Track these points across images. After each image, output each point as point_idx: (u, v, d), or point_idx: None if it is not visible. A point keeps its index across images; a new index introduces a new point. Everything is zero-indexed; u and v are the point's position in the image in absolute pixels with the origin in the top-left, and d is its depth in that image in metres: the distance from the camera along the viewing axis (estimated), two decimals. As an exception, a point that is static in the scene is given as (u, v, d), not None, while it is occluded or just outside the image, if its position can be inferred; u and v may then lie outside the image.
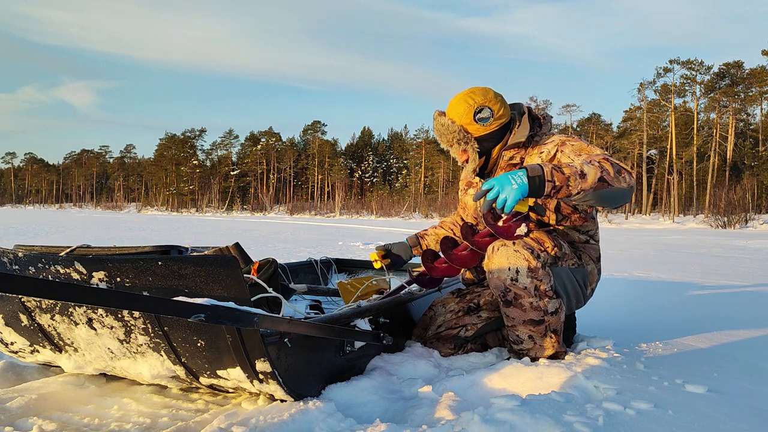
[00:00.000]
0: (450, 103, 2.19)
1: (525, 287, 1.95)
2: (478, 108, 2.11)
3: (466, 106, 2.12)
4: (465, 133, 2.13)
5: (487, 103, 2.12)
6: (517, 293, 1.97)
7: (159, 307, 1.20)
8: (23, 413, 1.59)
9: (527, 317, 1.99)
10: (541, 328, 2.00)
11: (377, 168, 74.75)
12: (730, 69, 44.41)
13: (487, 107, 2.11)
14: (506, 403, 1.49)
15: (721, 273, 5.95)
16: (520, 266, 1.94)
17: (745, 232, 21.82)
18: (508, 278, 1.96)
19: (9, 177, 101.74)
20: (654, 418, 1.47)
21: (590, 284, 2.22)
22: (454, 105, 2.16)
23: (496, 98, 2.14)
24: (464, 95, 2.15)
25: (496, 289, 2.01)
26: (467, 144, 2.14)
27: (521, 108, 2.24)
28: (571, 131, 54.44)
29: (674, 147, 44.71)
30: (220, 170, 75.17)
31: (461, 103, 2.14)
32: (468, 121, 2.13)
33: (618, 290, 4.51)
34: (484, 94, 2.14)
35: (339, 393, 1.71)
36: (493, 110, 2.12)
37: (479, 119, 2.11)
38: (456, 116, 2.14)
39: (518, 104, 2.26)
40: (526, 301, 1.97)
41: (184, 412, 1.64)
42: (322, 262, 3.51)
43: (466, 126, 2.13)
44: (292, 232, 15.84)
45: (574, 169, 1.78)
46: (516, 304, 1.98)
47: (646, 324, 2.95)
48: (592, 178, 1.78)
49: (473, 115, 2.11)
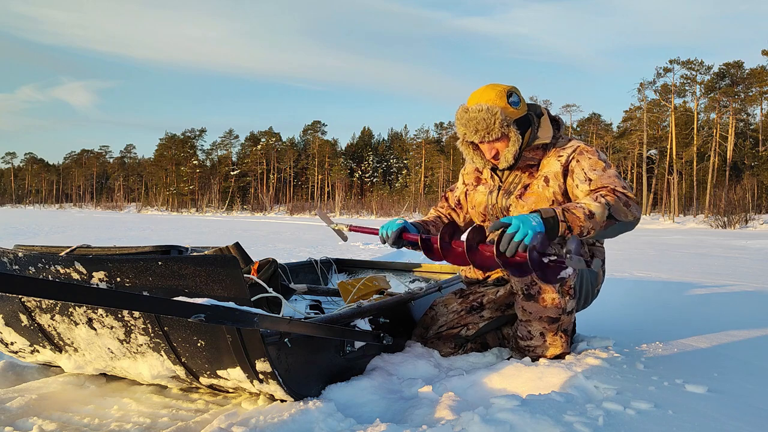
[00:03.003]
0: (473, 96, 2.12)
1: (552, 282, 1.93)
2: (509, 92, 2.08)
3: (496, 92, 2.07)
4: (506, 115, 2.05)
5: (513, 89, 2.10)
6: (543, 287, 1.97)
7: (159, 307, 1.20)
8: (23, 413, 1.59)
9: (545, 314, 1.99)
10: (555, 326, 2.00)
11: (377, 168, 74.74)
12: (730, 69, 44.39)
13: (514, 92, 2.09)
14: (506, 403, 1.49)
15: (721, 273, 5.95)
16: None
17: (745, 232, 21.81)
18: None
19: (9, 177, 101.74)
20: (654, 418, 1.47)
21: (597, 285, 2.25)
22: (482, 93, 2.09)
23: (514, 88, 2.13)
24: (487, 87, 2.10)
25: (520, 282, 2.00)
26: (508, 126, 2.05)
27: (538, 109, 2.20)
28: (571, 131, 54.42)
29: (674, 147, 44.70)
30: (220, 170, 75.16)
31: (490, 90, 2.08)
32: (504, 104, 2.06)
33: (618, 290, 4.51)
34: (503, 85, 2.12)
35: (339, 393, 1.71)
36: (518, 95, 2.10)
37: (512, 102, 2.07)
38: (491, 101, 2.06)
39: (535, 105, 2.23)
40: (548, 297, 1.97)
41: (184, 412, 1.64)
42: (322, 262, 3.51)
43: (504, 108, 2.06)
44: (292, 232, 15.84)
45: (583, 210, 1.79)
46: (538, 298, 1.98)
47: (646, 324, 2.95)
48: (600, 218, 1.80)
49: (507, 98, 2.06)
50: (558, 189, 2.07)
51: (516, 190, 2.15)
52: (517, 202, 2.13)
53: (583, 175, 2.01)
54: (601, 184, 1.96)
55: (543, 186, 2.10)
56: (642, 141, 46.65)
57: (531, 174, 2.15)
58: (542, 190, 2.09)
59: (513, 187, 2.17)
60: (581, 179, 2.01)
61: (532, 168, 2.15)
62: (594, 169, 2.01)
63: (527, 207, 2.10)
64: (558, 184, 2.08)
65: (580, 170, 2.03)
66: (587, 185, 1.99)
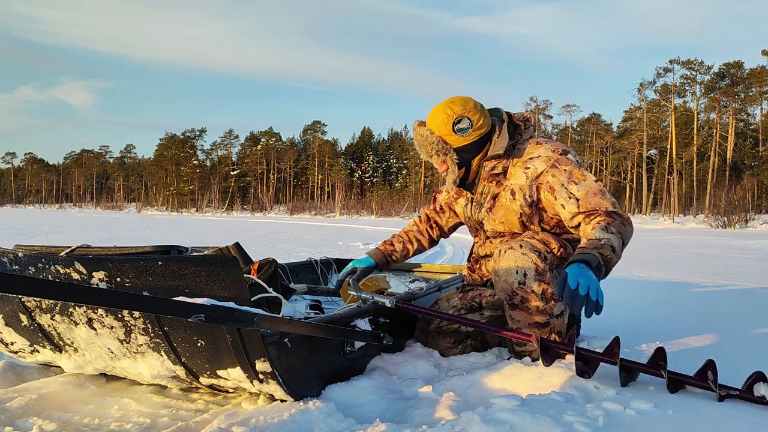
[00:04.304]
0: (429, 114, 2.16)
1: (532, 290, 1.95)
2: (457, 118, 2.08)
3: (444, 116, 2.10)
4: (444, 144, 2.10)
5: (467, 113, 2.09)
6: (524, 296, 1.97)
7: (159, 307, 1.20)
8: (23, 413, 1.59)
9: (533, 320, 1.99)
10: (546, 330, 2.00)
11: (377, 168, 74.73)
12: (730, 69, 44.39)
13: (466, 117, 2.09)
14: (506, 403, 1.49)
15: (721, 273, 5.95)
16: (527, 268, 1.94)
17: (745, 232, 21.81)
18: (516, 281, 1.96)
19: (9, 177, 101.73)
20: (654, 418, 1.47)
21: None
22: (433, 116, 2.13)
23: (475, 108, 2.12)
24: (443, 105, 2.13)
25: (502, 291, 2.01)
26: (446, 155, 2.11)
27: (501, 114, 2.22)
28: (571, 132, 54.43)
29: (674, 147, 44.70)
30: (220, 170, 75.15)
31: (440, 114, 2.11)
32: (447, 132, 2.10)
33: (618, 290, 4.51)
34: (463, 104, 2.11)
35: (339, 393, 1.71)
36: (472, 120, 2.09)
37: (458, 130, 2.09)
38: (435, 127, 2.12)
39: (498, 110, 2.23)
40: (532, 305, 1.97)
41: (184, 412, 1.64)
42: (322, 262, 3.51)
43: (444, 137, 2.11)
44: (292, 232, 15.84)
45: (607, 248, 1.81)
46: (522, 307, 1.98)
47: (646, 324, 2.95)
48: (619, 249, 1.88)
49: (452, 126, 2.09)
50: (524, 202, 2.10)
51: (486, 202, 2.20)
52: (488, 216, 2.20)
53: (566, 193, 2.01)
54: (591, 206, 1.97)
55: (510, 199, 2.13)
56: (642, 141, 46.66)
57: (498, 183, 2.17)
58: (509, 204, 2.13)
59: (483, 198, 2.22)
60: (565, 197, 2.01)
61: (498, 176, 2.17)
62: (575, 182, 2.01)
63: (497, 220, 2.17)
64: (524, 196, 2.10)
65: (560, 187, 2.03)
66: (575, 206, 1.99)
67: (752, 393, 1.63)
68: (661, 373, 1.70)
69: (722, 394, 1.64)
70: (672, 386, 1.70)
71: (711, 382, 1.67)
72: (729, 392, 1.64)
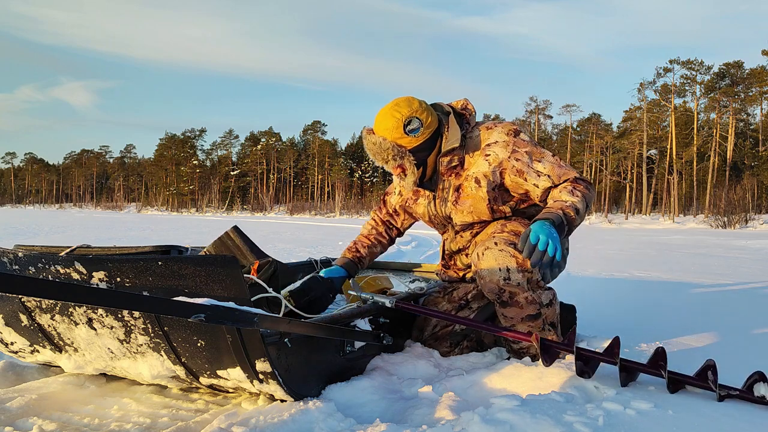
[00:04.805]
0: (376, 120, 2.15)
1: (518, 283, 1.97)
2: (407, 120, 2.08)
3: (393, 120, 2.08)
4: (399, 148, 2.09)
5: (414, 113, 2.09)
6: (512, 291, 1.98)
7: (159, 307, 1.20)
8: (23, 413, 1.59)
9: (525, 313, 2.00)
10: (539, 322, 2.01)
11: (377, 168, 74.64)
12: (730, 69, 44.40)
13: (416, 117, 2.08)
14: (506, 403, 1.49)
15: (721, 273, 5.95)
16: (509, 264, 1.96)
17: (745, 232, 21.81)
18: (501, 278, 1.97)
19: (9, 177, 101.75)
20: (654, 418, 1.47)
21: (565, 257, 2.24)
22: (381, 121, 2.12)
23: (421, 107, 2.11)
24: (389, 109, 2.11)
25: (490, 292, 2.02)
26: (402, 158, 2.10)
27: (444, 108, 2.21)
28: (571, 132, 54.44)
29: (674, 147, 44.70)
30: (220, 170, 75.15)
31: (388, 118, 2.10)
32: (399, 135, 2.09)
33: (618, 290, 4.52)
34: (409, 104, 2.11)
35: (339, 393, 1.71)
36: (421, 119, 2.09)
37: (410, 131, 2.08)
38: (386, 132, 2.10)
39: (439, 105, 2.23)
40: (521, 297, 1.98)
41: (184, 412, 1.64)
42: (322, 262, 3.51)
43: (397, 140, 2.09)
44: (292, 232, 15.84)
45: (571, 209, 1.95)
46: (512, 302, 1.99)
47: (646, 324, 2.95)
48: (583, 211, 1.99)
49: (403, 128, 2.08)
50: (489, 188, 2.13)
51: (450, 196, 2.21)
52: (455, 208, 2.21)
53: (534, 172, 2.07)
54: (560, 177, 2.06)
55: (476, 187, 2.14)
56: (642, 141, 46.65)
57: (458, 174, 2.19)
58: (476, 192, 2.15)
59: (446, 192, 2.22)
60: (535, 177, 2.07)
61: (456, 168, 2.18)
62: (537, 161, 2.08)
63: (465, 211, 2.18)
64: (488, 182, 2.12)
65: (527, 168, 2.08)
66: (548, 181, 2.06)
67: (752, 393, 1.63)
68: (661, 373, 1.71)
69: (722, 394, 1.64)
70: (672, 386, 1.70)
71: (711, 382, 1.67)
72: (729, 392, 1.64)
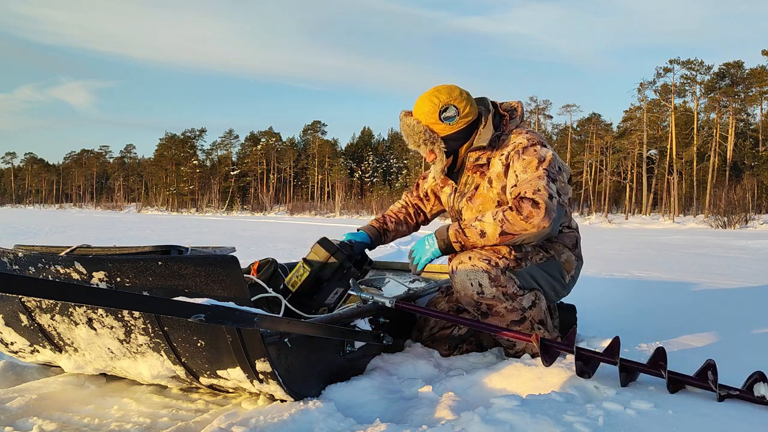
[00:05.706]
0: (416, 103, 2.16)
1: (493, 296, 1.97)
2: (444, 107, 2.08)
3: (431, 105, 2.10)
4: (431, 133, 2.11)
5: (453, 101, 2.09)
6: (489, 303, 1.98)
7: (159, 307, 1.20)
8: (23, 413, 1.59)
9: (508, 320, 2.00)
10: (526, 324, 2.01)
11: (377, 168, 74.67)
12: (730, 69, 44.36)
13: (453, 106, 2.09)
14: (506, 403, 1.49)
15: (721, 273, 5.95)
16: (481, 279, 1.96)
17: (745, 232, 21.81)
18: (475, 293, 1.98)
19: (9, 177, 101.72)
20: (654, 418, 1.47)
21: (568, 273, 2.19)
22: (420, 105, 2.13)
23: (461, 96, 2.11)
24: (429, 94, 2.12)
25: (469, 305, 2.03)
26: (434, 144, 2.11)
27: (488, 104, 2.21)
28: (571, 132, 54.43)
29: (674, 147, 44.68)
30: (220, 170, 75.12)
31: (426, 103, 2.11)
32: (434, 121, 2.10)
33: (618, 290, 4.51)
34: (449, 92, 2.11)
35: (339, 393, 1.71)
36: (458, 108, 2.09)
37: (445, 118, 2.09)
38: (421, 116, 2.12)
39: (484, 99, 2.23)
40: (501, 308, 1.98)
41: (184, 412, 1.64)
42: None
43: (431, 126, 2.11)
44: (292, 232, 15.84)
45: (476, 230, 1.98)
46: (492, 313, 2.00)
47: (646, 324, 2.95)
48: (492, 236, 1.95)
49: (438, 114, 2.09)
50: (501, 189, 2.12)
51: (468, 191, 2.21)
52: (467, 204, 2.21)
53: (514, 178, 2.04)
54: (518, 190, 1.98)
55: (488, 188, 2.14)
56: (642, 141, 46.63)
57: (482, 174, 2.18)
58: (487, 192, 2.15)
59: (467, 188, 2.22)
60: (512, 183, 2.04)
61: (482, 167, 2.17)
62: (525, 170, 2.01)
63: (474, 209, 2.18)
64: (501, 184, 2.11)
65: (512, 172, 2.06)
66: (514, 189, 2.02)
67: (752, 393, 1.63)
68: (661, 373, 1.71)
69: (722, 394, 1.64)
70: (672, 386, 1.70)
71: (711, 382, 1.67)
72: (729, 392, 1.64)
